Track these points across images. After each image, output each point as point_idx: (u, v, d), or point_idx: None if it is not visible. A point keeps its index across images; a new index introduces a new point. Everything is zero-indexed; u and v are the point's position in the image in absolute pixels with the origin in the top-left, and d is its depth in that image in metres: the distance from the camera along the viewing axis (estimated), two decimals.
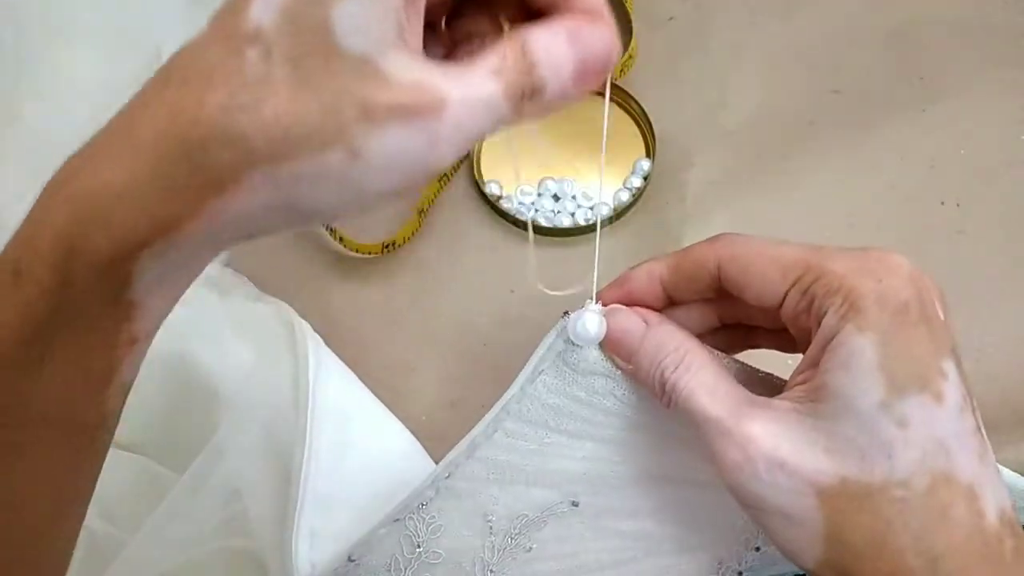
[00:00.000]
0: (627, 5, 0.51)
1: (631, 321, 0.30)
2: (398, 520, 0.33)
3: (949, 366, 0.25)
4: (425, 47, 0.23)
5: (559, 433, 0.32)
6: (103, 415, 0.26)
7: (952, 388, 0.25)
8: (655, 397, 0.29)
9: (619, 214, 0.47)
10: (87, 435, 0.26)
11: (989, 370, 0.42)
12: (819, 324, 0.26)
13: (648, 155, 0.49)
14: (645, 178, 0.48)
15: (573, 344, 0.31)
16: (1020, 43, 0.51)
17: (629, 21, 0.51)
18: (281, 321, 0.42)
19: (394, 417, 0.41)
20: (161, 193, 0.22)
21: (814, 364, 0.26)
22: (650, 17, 0.52)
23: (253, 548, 0.40)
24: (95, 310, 0.23)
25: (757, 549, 0.34)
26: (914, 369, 0.25)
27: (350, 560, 0.34)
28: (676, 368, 0.28)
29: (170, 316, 0.41)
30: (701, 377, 0.28)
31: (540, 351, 0.32)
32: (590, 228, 0.47)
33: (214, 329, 0.41)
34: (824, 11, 0.52)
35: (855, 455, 0.25)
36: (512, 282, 0.46)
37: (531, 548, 0.34)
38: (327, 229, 0.46)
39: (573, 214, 0.47)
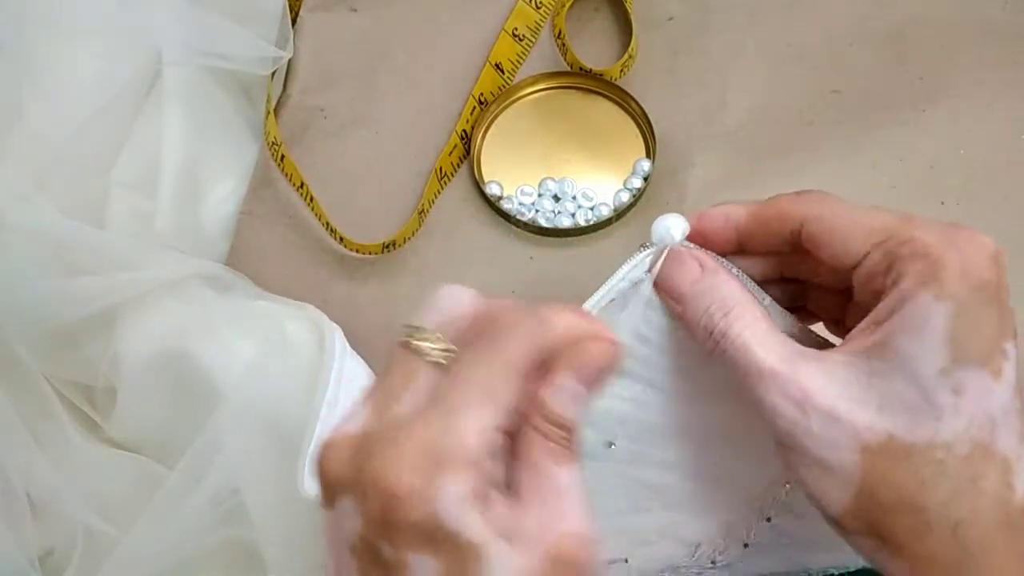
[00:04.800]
0: (627, 5, 0.51)
1: (686, 262, 0.30)
2: None
3: (1010, 348, 0.26)
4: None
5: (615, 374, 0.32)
6: None
7: (1009, 368, 0.26)
8: (701, 344, 0.29)
9: (619, 214, 0.47)
10: None
11: None
12: (895, 285, 0.27)
13: (648, 155, 0.49)
14: (645, 178, 0.48)
15: (648, 276, 0.31)
16: (1020, 43, 0.51)
17: (629, 21, 0.51)
18: (294, 317, 0.42)
19: None
20: None
21: (879, 322, 0.27)
22: (650, 17, 0.52)
23: (250, 538, 0.40)
24: None
25: (768, 520, 0.35)
26: (981, 344, 0.26)
27: None
28: (726, 315, 0.28)
29: (169, 315, 0.41)
30: (753, 327, 0.28)
31: (612, 281, 0.31)
32: (591, 228, 0.47)
33: (213, 327, 0.41)
34: (824, 11, 0.52)
35: (906, 413, 0.26)
36: (513, 283, 0.46)
37: None
38: (327, 229, 0.47)
39: (573, 214, 0.47)
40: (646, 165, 0.48)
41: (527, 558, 0.24)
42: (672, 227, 0.31)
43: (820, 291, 0.32)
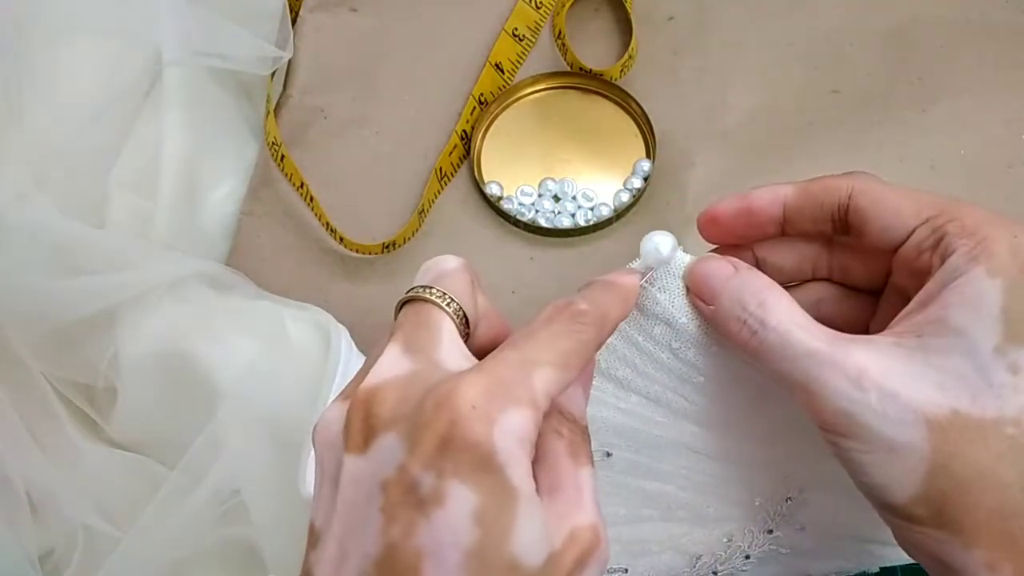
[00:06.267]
0: (627, 5, 0.51)
1: (719, 263, 0.30)
2: None
3: None
4: None
5: (609, 380, 0.32)
6: None
7: None
8: (736, 338, 0.29)
9: (619, 215, 0.47)
10: None
11: None
12: (943, 262, 0.26)
13: (648, 155, 0.49)
14: (645, 179, 0.48)
15: (644, 284, 0.31)
16: (1020, 43, 0.51)
17: (629, 21, 0.51)
18: (295, 318, 0.42)
19: None
20: None
21: (927, 302, 0.26)
22: (650, 17, 0.52)
23: (251, 537, 0.40)
24: None
25: (769, 532, 0.35)
26: None
27: None
28: (762, 304, 0.28)
29: (169, 315, 0.41)
30: (792, 314, 0.28)
31: None
32: (591, 228, 0.47)
33: (213, 327, 0.41)
34: (824, 11, 0.52)
35: (966, 391, 0.25)
36: (513, 283, 0.46)
37: None
38: (327, 229, 0.47)
39: (573, 215, 0.47)
40: (646, 165, 0.48)
41: (553, 530, 0.24)
42: (660, 244, 0.31)
43: (844, 296, 0.32)
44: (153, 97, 0.47)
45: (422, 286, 0.28)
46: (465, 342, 0.27)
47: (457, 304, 0.27)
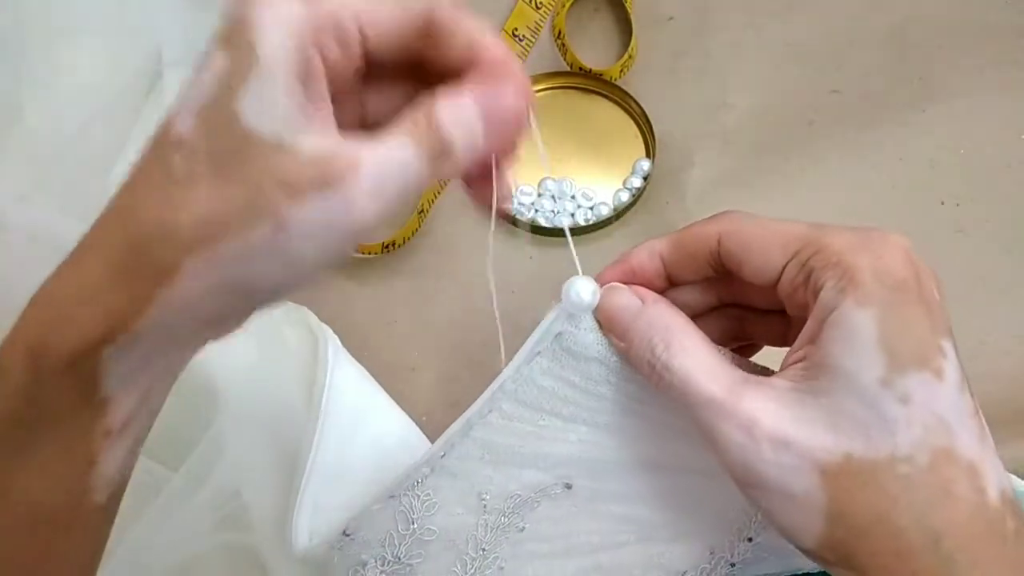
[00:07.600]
0: (627, 5, 0.51)
1: (626, 298, 0.30)
2: (393, 497, 0.34)
3: (947, 346, 0.25)
4: (344, 124, 0.25)
5: (554, 416, 0.32)
6: (88, 506, 0.27)
7: (951, 367, 0.25)
8: (648, 379, 0.29)
9: (619, 214, 0.47)
10: (73, 525, 0.27)
11: (988, 369, 0.42)
12: (816, 298, 0.26)
13: (648, 155, 0.49)
14: (645, 178, 0.48)
15: (570, 328, 0.31)
16: (1020, 43, 0.51)
17: (629, 21, 0.51)
18: (292, 321, 0.42)
19: (403, 412, 0.41)
20: (112, 289, 0.24)
21: (811, 340, 0.26)
22: (650, 17, 0.52)
23: (251, 542, 0.40)
24: (67, 406, 0.25)
25: (749, 540, 0.34)
26: (914, 346, 0.25)
27: (345, 535, 0.34)
28: (669, 347, 0.28)
29: None
30: (696, 356, 0.27)
31: (536, 334, 0.31)
32: (590, 228, 0.47)
33: None
34: (824, 11, 0.52)
35: (859, 432, 0.25)
36: (512, 282, 0.46)
37: (524, 528, 0.34)
38: None
39: (573, 214, 0.47)
40: (646, 165, 0.48)
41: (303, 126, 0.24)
42: (581, 291, 0.30)
43: (760, 316, 0.31)
44: (153, 97, 0.47)
45: None
46: None
47: None
